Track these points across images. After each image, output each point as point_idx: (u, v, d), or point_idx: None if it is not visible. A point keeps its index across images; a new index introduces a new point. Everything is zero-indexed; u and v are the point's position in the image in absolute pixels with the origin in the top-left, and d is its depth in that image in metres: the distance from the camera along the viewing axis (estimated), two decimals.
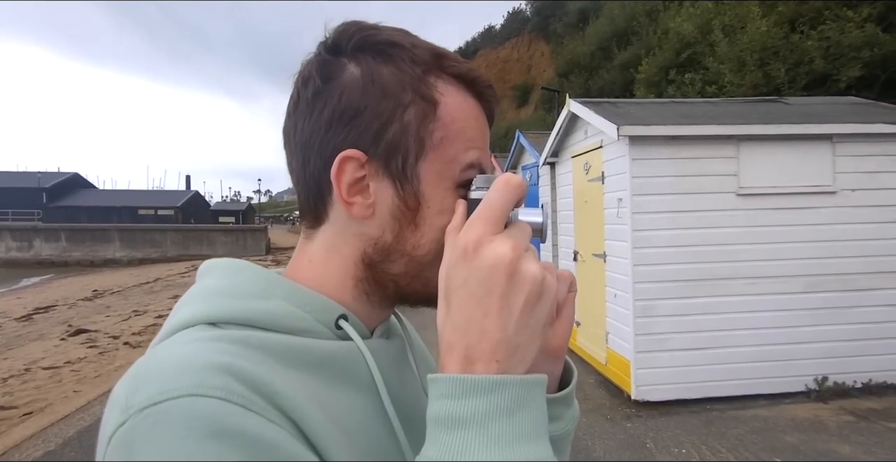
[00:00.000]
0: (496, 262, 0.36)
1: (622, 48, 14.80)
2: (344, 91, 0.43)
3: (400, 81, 0.43)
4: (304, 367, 0.40)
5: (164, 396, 0.31)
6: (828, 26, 6.66)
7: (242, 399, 0.32)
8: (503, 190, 0.39)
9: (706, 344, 3.99)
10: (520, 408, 0.35)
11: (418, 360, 0.56)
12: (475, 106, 0.47)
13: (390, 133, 0.43)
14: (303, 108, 0.45)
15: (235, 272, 0.46)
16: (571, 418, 0.51)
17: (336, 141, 0.43)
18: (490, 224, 0.38)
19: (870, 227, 4.12)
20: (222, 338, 0.38)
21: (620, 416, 3.84)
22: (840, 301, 4.08)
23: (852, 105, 5.01)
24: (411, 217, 0.44)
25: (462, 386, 0.35)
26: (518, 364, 0.36)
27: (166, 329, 0.41)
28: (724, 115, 4.44)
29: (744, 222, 4.03)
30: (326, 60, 0.45)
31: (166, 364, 0.34)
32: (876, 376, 4.10)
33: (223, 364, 0.34)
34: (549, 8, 28.99)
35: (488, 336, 0.36)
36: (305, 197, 0.47)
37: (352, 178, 0.43)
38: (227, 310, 0.41)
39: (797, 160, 4.08)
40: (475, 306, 0.36)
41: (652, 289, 3.97)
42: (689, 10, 10.64)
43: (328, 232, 0.47)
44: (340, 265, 0.46)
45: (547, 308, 0.38)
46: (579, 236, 5.27)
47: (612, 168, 4.32)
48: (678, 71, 9.59)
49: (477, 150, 0.46)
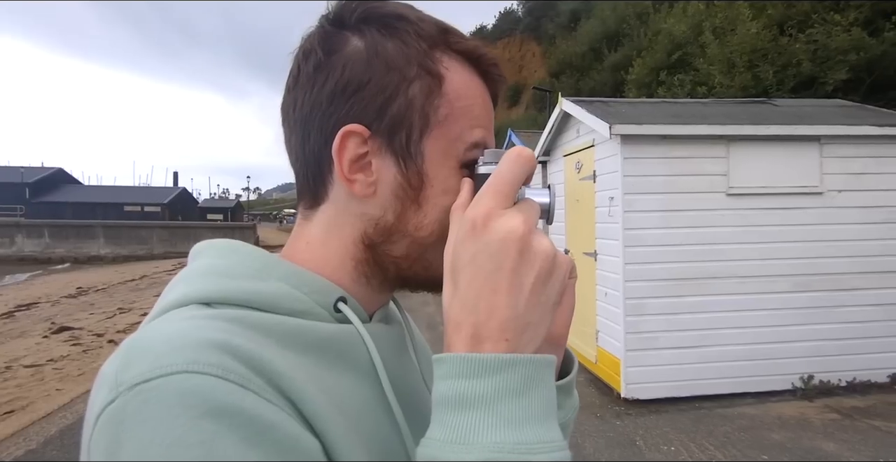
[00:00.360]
0: (507, 236, 0.35)
1: (613, 49, 14.89)
2: (347, 64, 0.42)
3: (405, 55, 0.42)
4: (302, 348, 0.38)
5: (156, 373, 0.30)
6: (815, 30, 6.75)
7: (239, 377, 0.31)
8: (514, 163, 0.38)
9: (695, 342, 4.02)
10: (529, 388, 0.33)
11: (417, 349, 0.54)
12: (480, 84, 0.46)
13: (394, 108, 0.42)
14: (303, 81, 0.43)
15: (231, 252, 0.44)
16: (572, 407, 0.50)
17: (338, 115, 0.42)
18: (500, 197, 0.37)
19: (855, 227, 4.17)
20: (217, 316, 0.36)
21: (610, 415, 3.86)
22: (826, 301, 4.13)
23: (839, 107, 5.08)
24: (414, 196, 0.43)
25: (470, 365, 0.33)
26: (528, 343, 0.35)
27: (158, 308, 0.39)
28: (715, 116, 4.48)
29: (733, 222, 4.07)
30: (329, 32, 0.43)
31: (159, 340, 0.32)
32: (860, 375, 4.16)
33: (219, 341, 0.32)
34: (540, 8, 29.10)
35: (498, 313, 0.35)
36: (304, 175, 0.45)
37: (354, 155, 0.42)
38: (221, 289, 0.39)
39: (786, 161, 4.13)
40: (484, 282, 0.35)
41: (642, 287, 3.99)
42: (679, 11, 10.73)
43: (327, 212, 0.45)
44: (340, 246, 0.45)
45: (558, 286, 0.37)
46: (570, 234, 5.28)
47: (604, 167, 4.33)
48: (669, 72, 9.67)
49: (482, 128, 0.45)
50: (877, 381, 4.17)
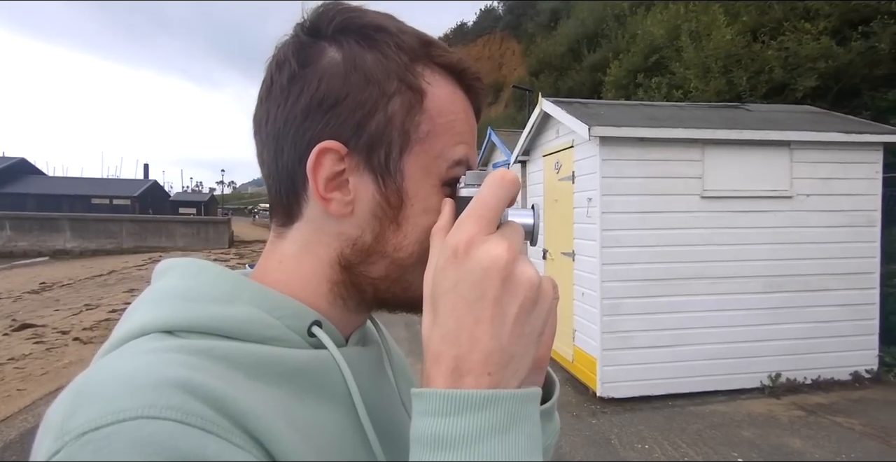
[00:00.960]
0: (490, 265, 0.33)
1: (591, 50, 15.05)
2: (323, 77, 0.40)
3: (385, 69, 0.40)
4: (273, 379, 0.36)
5: (107, 419, 0.27)
6: (787, 37, 6.94)
7: (202, 420, 0.29)
8: (497, 186, 0.36)
9: (669, 342, 4.10)
10: (513, 425, 0.32)
11: (396, 369, 0.53)
12: (463, 98, 0.44)
13: (373, 124, 0.40)
14: (276, 94, 0.41)
15: (196, 273, 0.41)
16: (553, 432, 0.49)
17: (313, 131, 0.40)
18: (483, 222, 0.35)
19: (822, 230, 4.32)
20: (180, 348, 0.34)
21: (586, 413, 3.91)
22: (795, 301, 4.27)
23: (809, 113, 5.24)
24: (393, 216, 0.41)
25: (450, 402, 0.32)
26: (511, 377, 0.34)
27: (114, 339, 0.36)
28: (691, 119, 4.56)
29: (707, 224, 4.16)
30: (304, 43, 0.41)
31: (111, 380, 0.30)
32: (824, 373, 4.32)
33: (179, 379, 0.30)
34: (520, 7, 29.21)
35: (480, 345, 0.33)
36: (277, 192, 0.43)
37: (330, 172, 0.40)
38: (186, 316, 0.37)
39: (757, 165, 4.24)
40: (466, 312, 0.33)
41: (619, 287, 4.05)
42: (657, 15, 10.91)
43: (302, 230, 0.43)
44: (315, 267, 0.43)
45: (543, 316, 0.36)
46: (549, 234, 5.33)
47: (583, 168, 4.37)
48: (646, 75, 9.83)
49: (465, 145, 0.43)
50: (839, 379, 4.34)
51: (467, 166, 0.43)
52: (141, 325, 0.36)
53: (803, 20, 6.97)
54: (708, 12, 8.91)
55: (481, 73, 0.45)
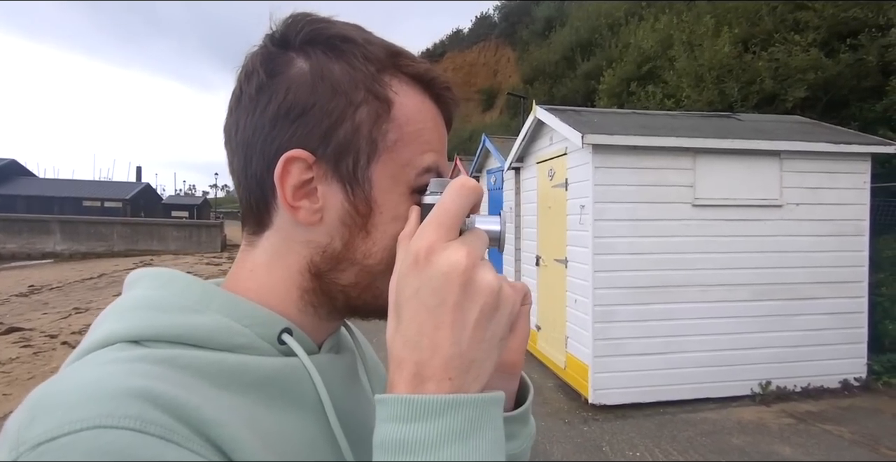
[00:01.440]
0: (449, 271, 0.34)
1: (585, 59, 15.18)
2: (291, 86, 0.40)
3: (352, 79, 0.41)
4: (240, 388, 0.36)
5: (63, 430, 0.27)
6: (777, 49, 7.05)
7: (161, 429, 0.29)
8: (458, 193, 0.37)
9: (661, 349, 4.12)
10: (475, 430, 0.32)
11: (371, 376, 0.53)
12: (432, 108, 0.45)
13: (341, 133, 0.40)
14: (245, 103, 0.42)
15: (165, 283, 0.41)
16: (528, 436, 0.49)
17: (281, 140, 0.40)
18: (443, 230, 0.36)
19: (811, 239, 4.37)
20: (143, 358, 0.34)
21: (578, 420, 3.91)
22: (784, 309, 4.31)
23: (798, 124, 5.31)
24: (362, 223, 0.42)
25: (411, 407, 0.32)
26: (473, 381, 0.34)
27: (80, 349, 0.36)
28: (682, 128, 4.61)
29: (698, 232, 4.20)
30: (272, 53, 0.42)
31: (70, 390, 0.30)
32: (814, 381, 4.35)
33: (139, 389, 0.30)
34: (515, 14, 29.42)
35: (441, 351, 0.33)
36: (247, 200, 0.43)
37: (298, 181, 0.40)
38: (152, 325, 0.37)
39: (748, 174, 4.29)
40: (427, 318, 0.34)
41: (611, 294, 4.07)
42: (650, 25, 11.04)
43: (272, 238, 0.43)
44: (285, 274, 0.43)
45: (504, 321, 0.36)
46: (542, 241, 5.35)
47: (576, 175, 4.40)
48: (639, 83, 9.92)
49: (434, 153, 0.43)
50: (829, 387, 4.37)
51: (437, 174, 0.44)
52: (107, 335, 0.36)
53: (793, 32, 7.08)
54: (700, 23, 9.03)
55: (451, 83, 0.46)
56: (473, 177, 8.58)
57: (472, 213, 0.39)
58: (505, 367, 0.45)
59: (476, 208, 0.40)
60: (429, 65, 0.45)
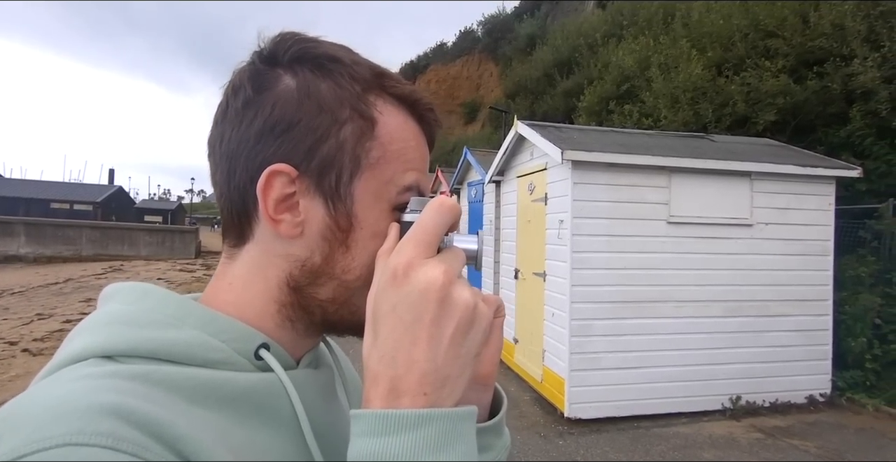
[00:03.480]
0: (427, 287, 0.35)
1: (565, 77, 15.49)
2: (277, 102, 0.41)
3: (338, 97, 0.42)
4: (215, 403, 0.36)
5: (32, 447, 0.26)
6: (749, 73, 7.33)
7: (133, 445, 0.28)
8: (436, 212, 0.38)
9: (635, 363, 4.18)
10: (448, 443, 0.33)
11: (350, 392, 0.53)
12: (415, 128, 0.46)
13: (325, 149, 0.41)
14: (231, 117, 0.42)
15: (141, 297, 0.41)
16: (503, 448, 0.49)
17: (265, 154, 0.41)
18: (422, 247, 0.37)
19: (779, 258, 4.51)
20: (115, 374, 0.33)
21: (553, 434, 3.92)
22: (753, 326, 4.43)
23: (768, 146, 5.51)
24: (342, 238, 0.42)
25: (385, 422, 0.33)
26: (447, 397, 0.35)
27: (51, 365, 0.36)
28: (658, 147, 4.74)
29: (672, 249, 4.30)
30: (260, 70, 0.43)
31: (40, 407, 0.29)
32: (781, 396, 4.47)
33: (111, 405, 0.29)
34: (499, 31, 29.91)
35: (416, 366, 0.34)
36: (229, 213, 0.44)
37: (280, 194, 0.41)
38: (126, 340, 0.36)
39: (720, 193, 4.42)
40: (403, 334, 0.35)
41: (588, 309, 4.12)
42: (629, 46, 11.35)
43: (252, 251, 0.43)
44: (263, 288, 0.43)
45: (479, 337, 0.37)
46: (521, 254, 5.39)
47: (555, 190, 4.47)
48: (617, 102, 10.16)
49: (416, 171, 0.44)
50: (796, 403, 4.49)
51: (418, 192, 0.44)
52: (79, 351, 0.36)
53: (764, 58, 7.37)
54: (676, 46, 9.34)
55: (434, 104, 0.47)
56: (455, 189, 8.63)
57: (450, 231, 0.40)
58: (479, 379, 0.45)
59: (454, 227, 0.41)
60: (413, 86, 0.46)
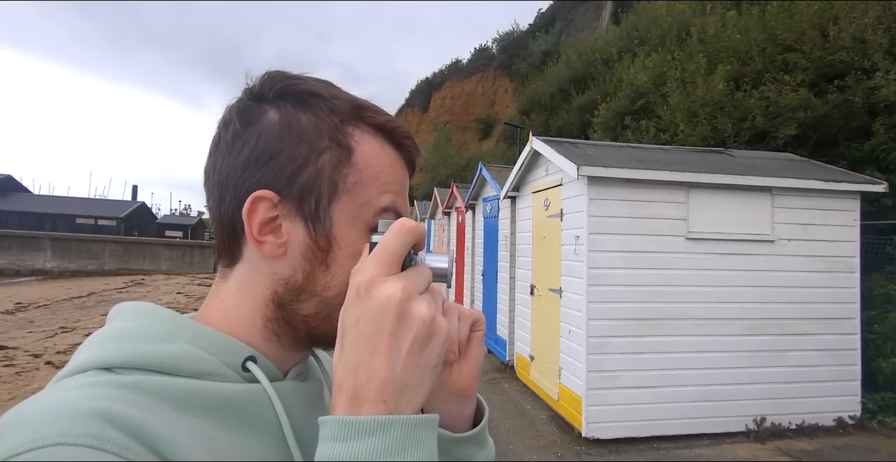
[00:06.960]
0: (385, 302, 0.37)
1: (580, 92, 15.51)
2: (262, 135, 0.45)
3: (317, 128, 0.46)
4: (200, 411, 0.39)
5: (26, 447, 0.30)
6: (767, 87, 7.26)
7: (117, 447, 0.31)
8: (398, 233, 0.41)
9: (654, 382, 4.09)
10: (406, 448, 0.35)
11: None
12: (393, 154, 0.49)
13: (304, 176, 0.45)
14: (222, 148, 0.47)
15: (140, 315, 0.45)
16: (486, 457, 0.51)
17: (251, 181, 0.45)
18: (383, 265, 0.40)
19: (802, 275, 4.40)
20: (109, 383, 0.37)
21: (571, 454, 3.84)
22: (777, 344, 4.30)
23: (790, 161, 5.42)
24: (322, 257, 0.45)
25: (347, 427, 0.35)
26: (407, 404, 0.37)
27: (58, 376, 0.40)
28: (676, 163, 4.70)
29: (691, 265, 4.23)
30: (248, 106, 0.47)
31: (37, 412, 0.33)
32: (809, 418, 4.31)
33: (100, 410, 0.32)
34: (513, 47, 30.21)
35: (376, 375, 0.37)
36: (221, 236, 0.48)
37: (264, 218, 0.44)
38: (123, 353, 0.40)
39: (741, 209, 4.35)
40: (364, 345, 0.37)
41: (605, 326, 4.06)
42: (643, 61, 11.35)
43: (241, 271, 0.47)
44: (251, 304, 0.46)
45: (437, 349, 0.39)
46: (537, 270, 5.35)
47: (571, 206, 4.45)
48: (633, 117, 10.13)
49: (392, 194, 0.48)
50: (823, 425, 4.33)
51: (395, 213, 0.48)
52: (81, 363, 0.39)
53: (782, 72, 7.30)
54: (692, 61, 9.31)
55: (411, 133, 0.51)
56: (470, 204, 8.64)
57: (416, 250, 0.44)
58: (458, 391, 0.49)
59: (419, 246, 0.44)
60: (390, 116, 0.50)
